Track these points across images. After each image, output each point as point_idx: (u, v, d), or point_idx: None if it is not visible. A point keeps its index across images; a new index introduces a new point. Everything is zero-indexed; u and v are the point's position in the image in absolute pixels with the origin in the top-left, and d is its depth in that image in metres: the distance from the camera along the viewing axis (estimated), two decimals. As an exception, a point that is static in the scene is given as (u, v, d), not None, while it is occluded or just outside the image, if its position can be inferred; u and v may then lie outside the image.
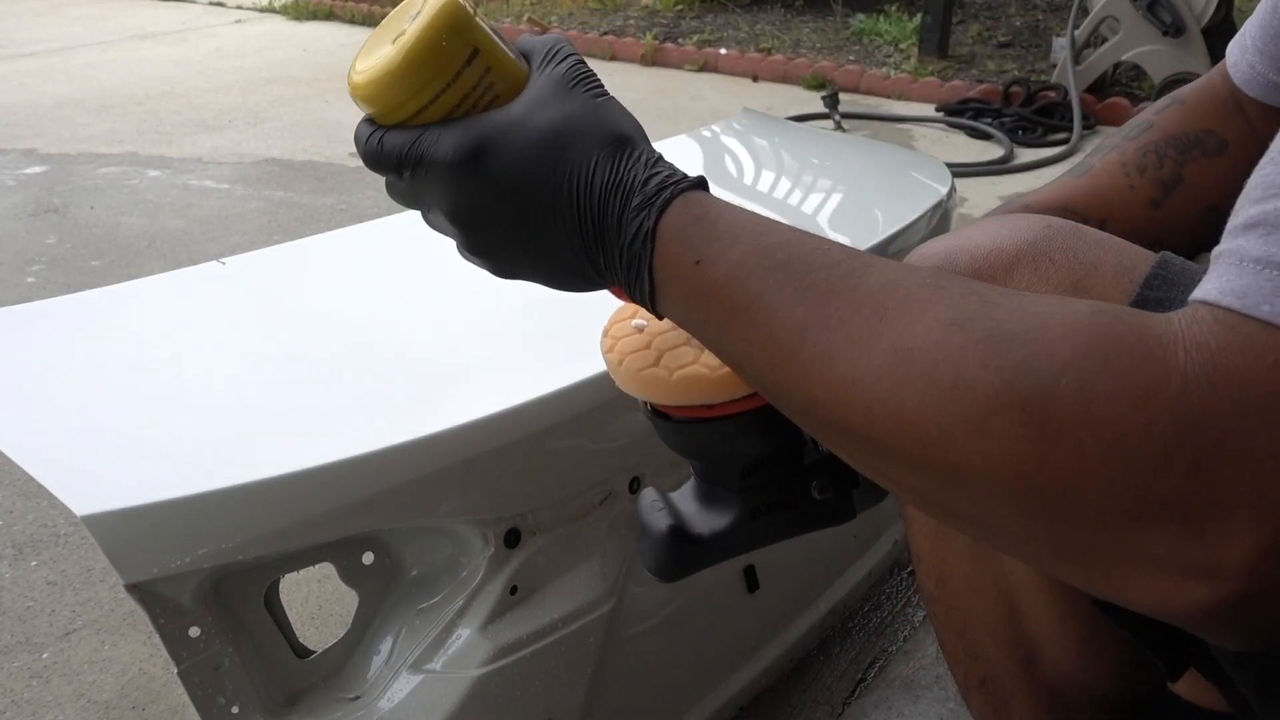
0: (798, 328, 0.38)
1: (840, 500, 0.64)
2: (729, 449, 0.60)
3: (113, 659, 1.15)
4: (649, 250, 0.43)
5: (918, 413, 0.35)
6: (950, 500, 0.36)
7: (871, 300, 0.37)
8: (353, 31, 5.39)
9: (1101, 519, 0.32)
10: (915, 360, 0.35)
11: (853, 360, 0.37)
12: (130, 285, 0.93)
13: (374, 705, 0.76)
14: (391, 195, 0.49)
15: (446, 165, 0.45)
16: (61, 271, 2.27)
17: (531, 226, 0.45)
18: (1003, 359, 0.33)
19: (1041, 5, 5.01)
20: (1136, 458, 0.31)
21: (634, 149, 0.45)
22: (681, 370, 0.56)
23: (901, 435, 0.35)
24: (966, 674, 0.62)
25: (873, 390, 0.36)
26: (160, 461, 0.67)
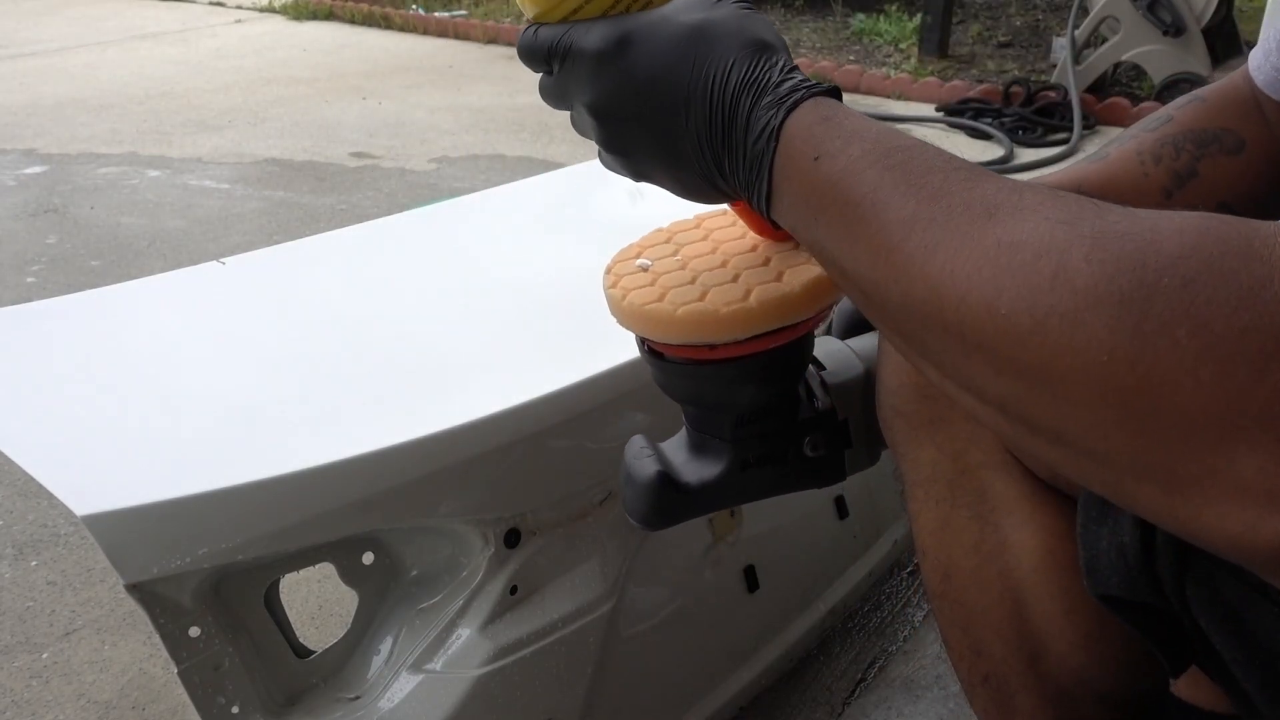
0: (906, 221, 0.38)
1: (832, 460, 0.64)
2: (725, 396, 0.59)
3: (113, 659, 1.15)
4: (772, 148, 0.43)
5: (1013, 304, 0.33)
6: (1033, 407, 0.34)
7: (984, 201, 0.37)
8: (353, 31, 5.39)
9: (1189, 430, 0.30)
10: (1018, 252, 0.34)
11: (955, 251, 0.36)
12: (130, 285, 0.93)
13: (374, 705, 0.76)
14: (542, 95, 0.51)
15: (592, 55, 0.46)
16: (61, 271, 2.27)
17: (665, 121, 0.46)
18: (1107, 253, 0.32)
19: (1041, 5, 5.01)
20: (1232, 362, 0.29)
21: (773, 54, 0.46)
22: (687, 306, 0.55)
23: (993, 329, 0.34)
24: (970, 670, 0.62)
25: (970, 281, 0.35)
26: (160, 461, 0.67)
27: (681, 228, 0.65)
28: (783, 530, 1.07)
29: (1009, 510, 0.57)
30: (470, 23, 5.22)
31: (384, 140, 3.32)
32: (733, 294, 0.55)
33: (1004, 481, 0.57)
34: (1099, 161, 0.66)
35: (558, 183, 1.27)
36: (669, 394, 0.61)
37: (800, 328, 0.57)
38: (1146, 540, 0.45)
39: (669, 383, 0.60)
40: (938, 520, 0.60)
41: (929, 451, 0.59)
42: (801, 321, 0.56)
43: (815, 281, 0.55)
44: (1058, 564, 0.55)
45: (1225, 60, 3.35)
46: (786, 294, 0.54)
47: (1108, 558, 0.47)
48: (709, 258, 0.59)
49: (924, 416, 0.59)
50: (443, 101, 3.81)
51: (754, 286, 0.55)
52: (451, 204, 1.21)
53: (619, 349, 0.80)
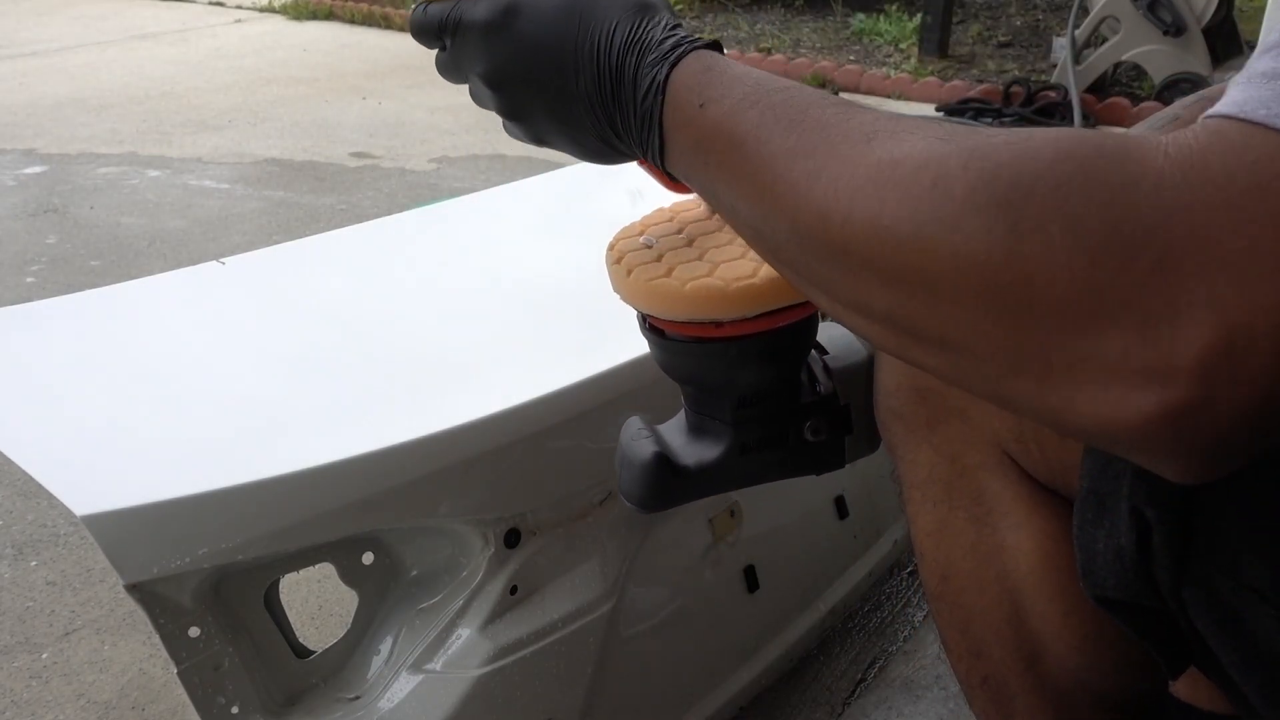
0: (789, 152, 0.40)
1: (832, 445, 0.63)
2: (727, 376, 0.58)
3: (113, 659, 1.15)
4: (660, 102, 0.45)
5: (895, 215, 0.35)
6: (917, 314, 0.36)
7: (863, 127, 0.38)
8: (353, 31, 5.39)
9: (1061, 320, 0.32)
10: (899, 167, 0.35)
11: (838, 175, 0.37)
12: (130, 285, 0.93)
13: (374, 705, 0.76)
14: (439, 70, 0.54)
15: (481, 26, 0.49)
16: (61, 271, 2.27)
17: (557, 85, 0.48)
18: (985, 163, 0.33)
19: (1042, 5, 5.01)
20: (1101, 252, 0.31)
21: (655, 14, 0.48)
22: (695, 282, 0.54)
23: (877, 241, 0.35)
24: (969, 672, 0.62)
25: (853, 199, 0.36)
26: (160, 461, 0.67)
27: (684, 207, 0.64)
28: (783, 530, 1.07)
29: (1006, 512, 0.57)
30: (470, 23, 5.21)
31: (384, 140, 3.32)
32: (741, 270, 0.54)
33: (1001, 483, 0.57)
34: None
35: (558, 183, 1.27)
36: (670, 373, 0.60)
37: (807, 307, 0.57)
38: (1143, 543, 0.45)
39: (670, 361, 0.59)
40: (935, 522, 0.60)
41: (926, 453, 0.59)
42: (807, 301, 0.56)
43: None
44: (1055, 566, 0.55)
45: (1225, 60, 3.35)
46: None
47: (1104, 559, 0.47)
48: (715, 235, 0.59)
49: (921, 418, 0.59)
50: (443, 101, 3.81)
51: (762, 263, 0.54)
52: (451, 204, 1.21)
53: (619, 349, 0.80)
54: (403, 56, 4.72)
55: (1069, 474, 0.53)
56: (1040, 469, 0.56)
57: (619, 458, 0.63)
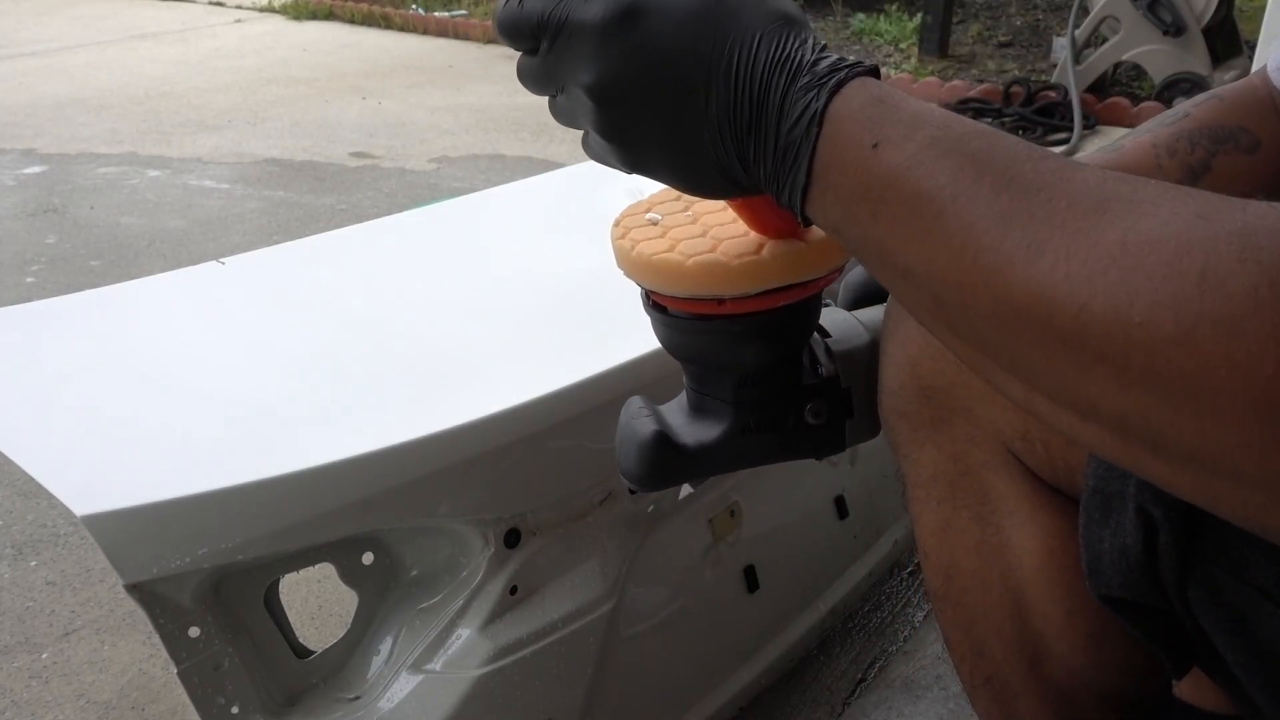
0: (1000, 216, 0.33)
1: (832, 428, 0.63)
2: (729, 354, 0.58)
3: (112, 659, 1.15)
4: (814, 135, 0.38)
5: (1150, 311, 0.29)
6: (1165, 424, 0.30)
7: (1091, 194, 0.33)
8: (353, 31, 5.39)
9: None
10: (1153, 251, 0.30)
11: (1069, 252, 0.31)
12: (130, 285, 0.93)
13: (374, 705, 0.76)
14: (522, 78, 0.45)
15: (593, 27, 0.40)
16: (61, 271, 2.27)
17: (680, 104, 0.41)
18: (1264, 253, 0.28)
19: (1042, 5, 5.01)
20: None
21: (802, 30, 0.41)
22: (698, 257, 0.53)
23: (1124, 339, 0.30)
24: (972, 671, 0.62)
25: (1092, 285, 0.31)
26: (160, 461, 0.67)
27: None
28: (783, 530, 1.07)
29: (1010, 511, 0.57)
30: (470, 23, 5.22)
31: (384, 140, 3.32)
32: (745, 247, 0.54)
33: (1005, 482, 0.57)
34: (1113, 152, 0.66)
35: (558, 183, 1.26)
36: (671, 351, 0.60)
37: (810, 286, 0.56)
38: (1149, 542, 0.45)
39: (671, 338, 0.59)
40: (939, 521, 0.60)
41: (930, 452, 0.59)
42: (812, 280, 0.55)
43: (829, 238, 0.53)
44: (1059, 565, 0.55)
45: (1225, 60, 3.35)
46: (800, 249, 0.53)
47: (1110, 559, 0.47)
48: (721, 214, 0.58)
49: (925, 417, 0.59)
50: (443, 101, 3.81)
51: (765, 239, 0.54)
52: (451, 204, 1.21)
53: (619, 348, 0.80)
54: (403, 56, 4.72)
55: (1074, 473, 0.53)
56: (1045, 468, 0.56)
57: (618, 436, 0.63)
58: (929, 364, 0.57)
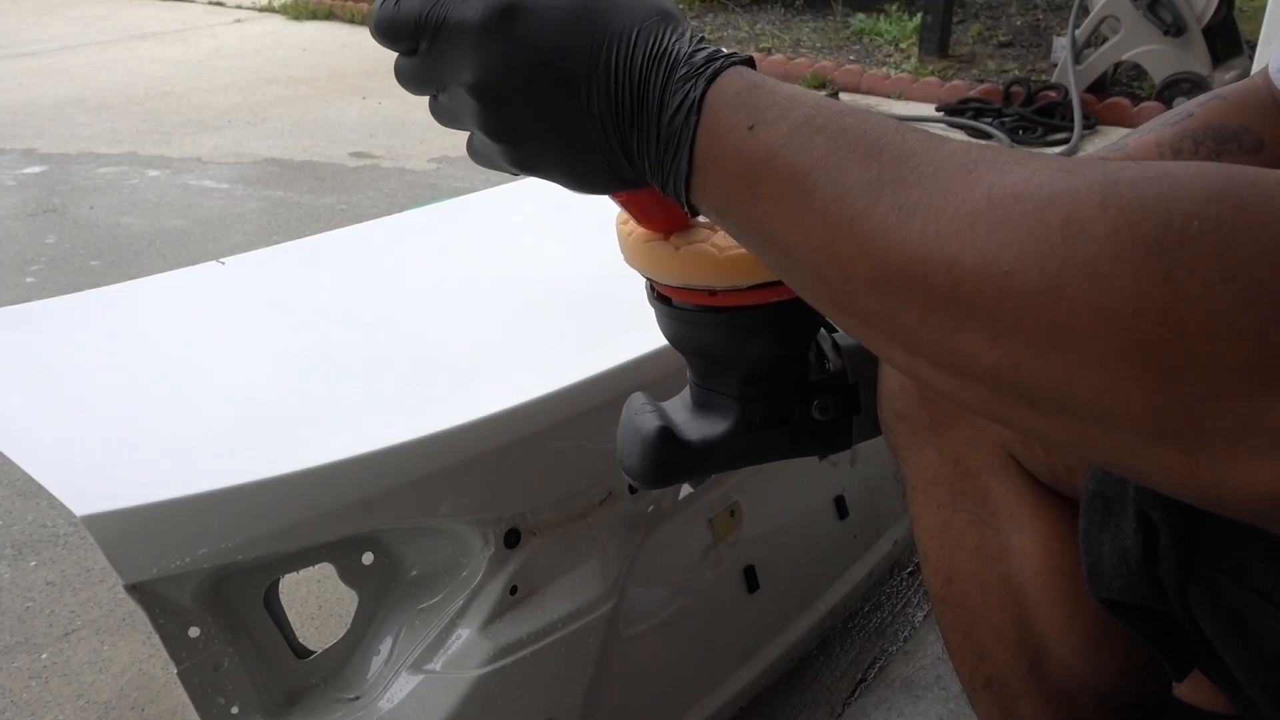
0: (871, 184, 0.34)
1: (839, 425, 0.62)
2: (732, 348, 0.57)
3: (112, 659, 1.15)
4: (693, 123, 0.39)
5: (1018, 259, 0.30)
6: (1036, 373, 0.30)
7: (958, 157, 0.33)
8: (353, 31, 5.39)
9: (1223, 382, 0.27)
10: (1017, 203, 0.31)
11: (938, 211, 0.32)
12: (130, 285, 0.93)
13: (374, 705, 0.76)
14: (401, 79, 0.45)
15: (473, 26, 0.40)
16: (61, 271, 2.27)
17: (563, 100, 0.41)
18: (1124, 200, 0.29)
19: (1042, 5, 5.01)
20: (1273, 306, 0.27)
21: (679, 25, 0.42)
22: (689, 246, 0.53)
23: (994, 289, 0.30)
24: (972, 673, 0.62)
25: (961, 239, 0.31)
26: (160, 461, 0.67)
27: None
28: (783, 530, 1.07)
29: (1010, 514, 0.57)
30: (470, 22, 5.22)
31: (384, 140, 3.32)
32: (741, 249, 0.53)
33: (1005, 485, 0.57)
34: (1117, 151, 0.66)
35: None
36: (675, 343, 0.60)
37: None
38: (1149, 545, 0.45)
39: (675, 330, 0.58)
40: (939, 524, 0.60)
41: (930, 455, 0.59)
42: None
43: None
44: (1060, 568, 0.55)
45: (1226, 60, 3.35)
46: None
47: (1110, 562, 0.47)
48: None
49: (925, 420, 0.59)
50: (443, 101, 3.80)
51: None
52: (451, 204, 1.21)
53: (619, 349, 0.80)
54: (403, 56, 4.72)
55: (1073, 476, 0.53)
56: (1044, 471, 0.56)
57: (620, 433, 0.62)
58: None
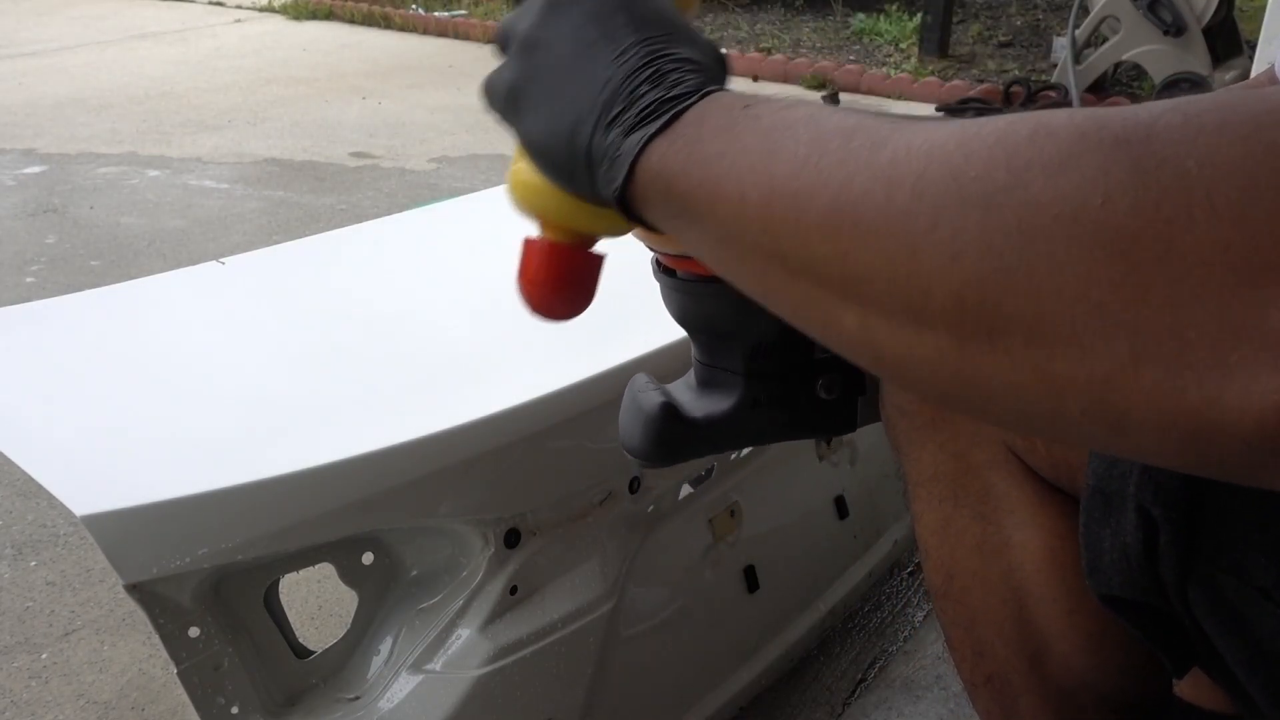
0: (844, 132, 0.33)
1: (844, 405, 0.62)
2: (738, 322, 0.57)
3: (112, 659, 1.15)
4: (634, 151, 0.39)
5: (985, 164, 0.28)
6: (1004, 292, 0.27)
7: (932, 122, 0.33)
8: (353, 31, 5.39)
9: (1206, 279, 0.24)
10: (983, 129, 0.29)
11: (910, 138, 0.31)
12: (130, 285, 0.93)
13: (374, 705, 0.76)
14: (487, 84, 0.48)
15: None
16: (61, 271, 2.27)
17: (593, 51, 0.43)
18: (1089, 114, 0.28)
19: (1042, 5, 5.01)
20: (1259, 190, 0.24)
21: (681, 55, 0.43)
22: None
23: (958, 197, 0.28)
24: (972, 670, 0.62)
25: (930, 156, 0.30)
26: (160, 461, 0.67)
27: None
28: (783, 530, 1.07)
29: (1011, 510, 0.57)
30: (470, 23, 5.22)
31: (384, 140, 3.32)
32: None
33: (1007, 482, 0.57)
34: None
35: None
36: (682, 319, 0.60)
37: None
38: (1149, 542, 0.45)
39: (681, 304, 0.59)
40: (940, 520, 0.60)
41: (931, 451, 0.59)
42: None
43: None
44: (1060, 564, 0.55)
45: (1226, 60, 3.35)
46: None
47: (1110, 558, 0.47)
48: None
49: (926, 415, 0.59)
50: (443, 101, 3.81)
51: None
52: (451, 204, 1.21)
53: (619, 349, 0.80)
54: (403, 56, 4.72)
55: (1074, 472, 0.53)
56: (1045, 467, 0.56)
57: (623, 411, 0.62)
58: None
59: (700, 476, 0.99)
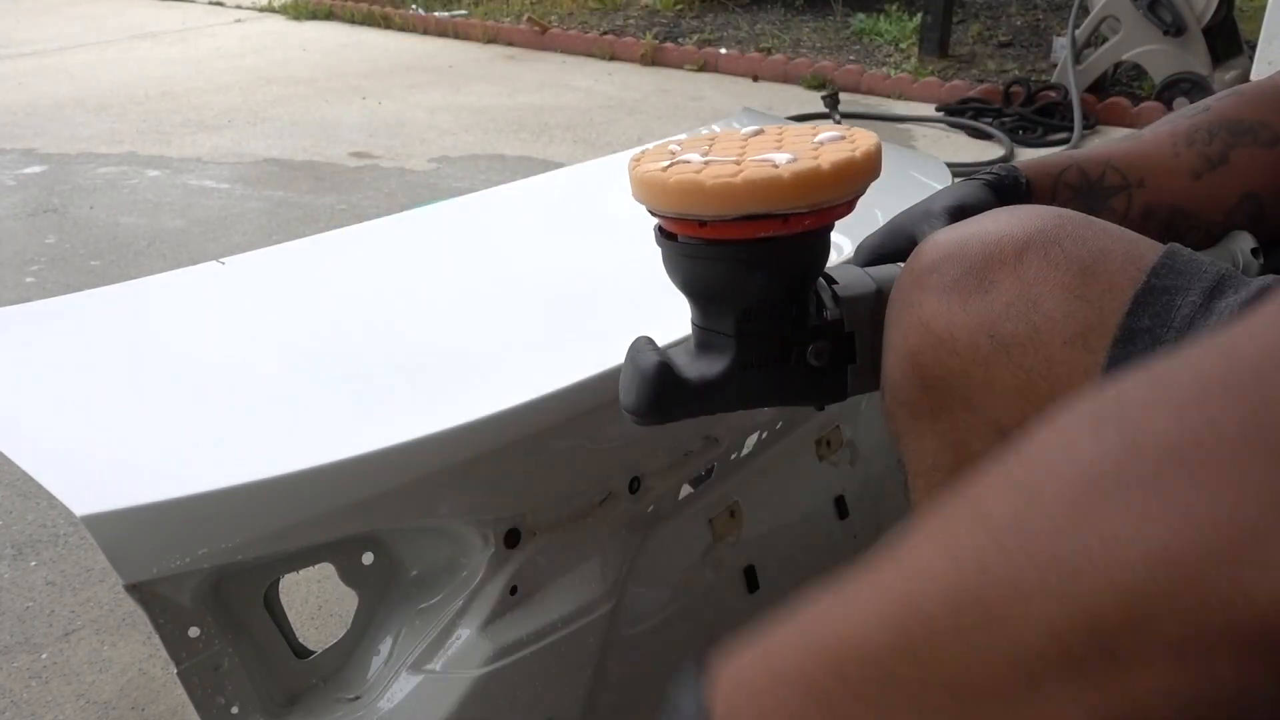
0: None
1: (835, 373, 0.64)
2: (729, 284, 0.60)
3: (112, 659, 1.15)
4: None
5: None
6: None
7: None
8: (353, 31, 5.39)
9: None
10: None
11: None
12: (130, 285, 0.93)
13: (374, 705, 0.76)
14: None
15: None
16: (61, 271, 2.27)
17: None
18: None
19: (1042, 5, 5.01)
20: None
21: None
22: (679, 175, 0.56)
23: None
24: None
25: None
26: (160, 461, 0.67)
27: (727, 135, 0.67)
28: (783, 530, 1.07)
29: None
30: (470, 23, 5.22)
31: (384, 140, 3.32)
32: (726, 171, 0.56)
33: None
34: (1132, 139, 0.67)
35: (558, 183, 1.26)
36: (679, 282, 0.63)
37: (793, 223, 0.58)
38: None
39: (678, 267, 0.61)
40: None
41: (930, 441, 0.60)
42: (794, 215, 0.57)
43: (809, 172, 0.56)
44: None
45: (1226, 60, 3.35)
46: (774, 177, 0.55)
47: None
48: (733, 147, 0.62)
49: (925, 406, 0.59)
50: (443, 101, 3.81)
51: (748, 169, 0.56)
52: (451, 204, 1.21)
53: (620, 349, 0.80)
54: (403, 56, 4.72)
55: None
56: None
57: (623, 371, 0.65)
58: (930, 354, 0.58)
59: (700, 476, 0.99)
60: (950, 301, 0.54)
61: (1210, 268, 0.48)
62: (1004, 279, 0.51)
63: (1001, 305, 0.51)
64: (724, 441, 0.96)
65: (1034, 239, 0.51)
